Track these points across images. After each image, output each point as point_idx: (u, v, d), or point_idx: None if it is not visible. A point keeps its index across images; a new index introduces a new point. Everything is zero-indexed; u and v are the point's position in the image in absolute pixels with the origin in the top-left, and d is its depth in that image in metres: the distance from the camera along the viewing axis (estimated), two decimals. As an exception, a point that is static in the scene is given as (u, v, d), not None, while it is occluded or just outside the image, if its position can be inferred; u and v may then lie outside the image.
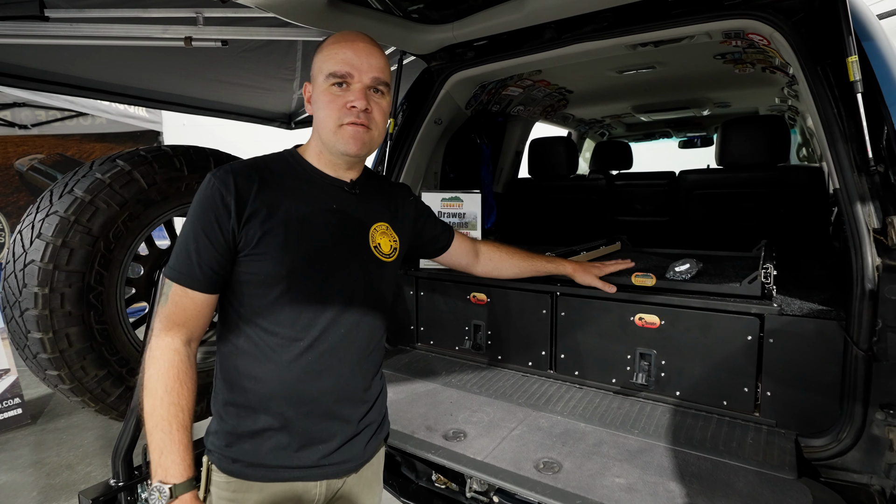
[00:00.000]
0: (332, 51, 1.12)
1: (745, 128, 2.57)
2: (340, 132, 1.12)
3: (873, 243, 1.30)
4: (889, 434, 1.27)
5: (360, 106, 1.11)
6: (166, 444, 1.00)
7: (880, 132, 1.33)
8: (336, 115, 1.12)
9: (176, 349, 1.06)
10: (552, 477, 1.28)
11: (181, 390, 1.03)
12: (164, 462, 0.99)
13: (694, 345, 1.59)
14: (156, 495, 0.97)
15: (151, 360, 1.05)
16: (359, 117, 1.12)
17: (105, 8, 2.39)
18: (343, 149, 1.14)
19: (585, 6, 1.81)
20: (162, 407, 1.01)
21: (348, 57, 1.11)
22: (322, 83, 1.12)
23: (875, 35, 1.43)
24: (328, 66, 1.11)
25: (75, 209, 1.47)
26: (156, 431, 1.00)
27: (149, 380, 1.04)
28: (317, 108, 1.16)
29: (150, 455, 1.00)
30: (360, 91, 1.12)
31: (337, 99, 1.11)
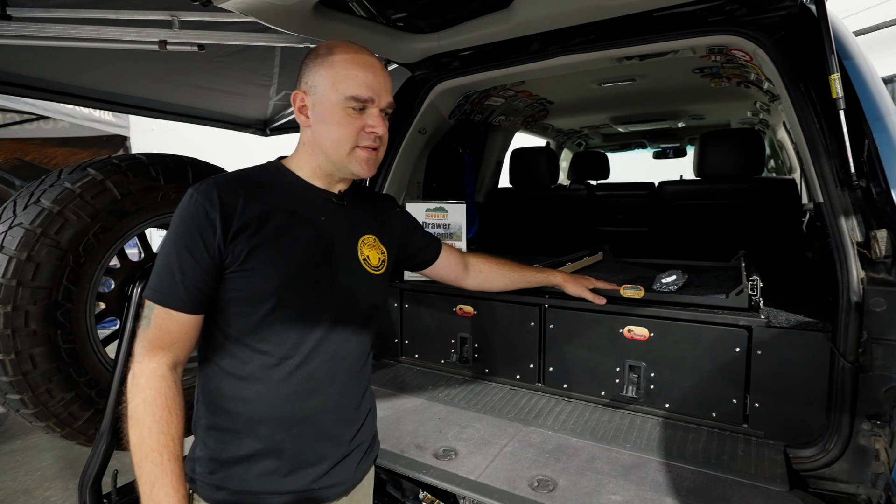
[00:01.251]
0: (350, 70, 1.08)
1: (723, 140, 2.63)
2: (354, 155, 1.11)
3: (857, 256, 1.32)
4: (875, 444, 1.29)
5: (380, 132, 1.11)
6: (158, 476, 0.94)
7: (862, 148, 1.36)
8: (353, 137, 1.10)
9: (162, 375, 1.00)
10: (548, 496, 1.26)
11: (170, 418, 0.98)
12: (157, 495, 0.94)
13: (683, 357, 1.59)
14: None
15: (136, 389, 0.99)
16: (375, 141, 1.11)
17: (73, 8, 2.29)
18: (356, 171, 1.13)
19: (573, 19, 1.82)
20: (151, 437, 0.95)
21: (370, 81, 1.08)
22: (339, 102, 1.08)
23: (854, 53, 1.48)
24: (349, 87, 1.07)
25: (42, 221, 1.38)
26: (145, 463, 0.95)
27: (135, 409, 0.98)
28: (325, 125, 1.10)
29: (139, 488, 0.94)
30: (378, 116, 1.11)
31: (354, 121, 1.09)
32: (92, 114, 6.51)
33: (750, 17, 1.61)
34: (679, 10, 1.68)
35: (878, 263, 1.29)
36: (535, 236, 3.39)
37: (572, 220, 3.30)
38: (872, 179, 1.34)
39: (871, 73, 1.47)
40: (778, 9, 1.57)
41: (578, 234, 3.25)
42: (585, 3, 1.73)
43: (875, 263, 1.29)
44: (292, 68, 3.43)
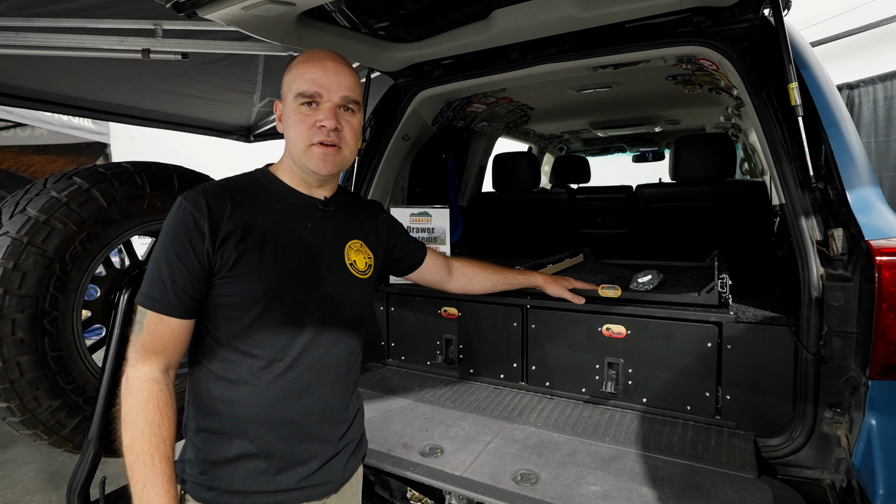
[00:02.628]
0: (301, 70, 1.13)
1: (695, 145, 2.73)
2: (310, 152, 1.12)
3: (817, 254, 1.40)
4: (837, 431, 1.36)
5: (329, 125, 1.11)
6: (149, 478, 0.97)
7: (819, 152, 1.45)
8: (306, 134, 1.12)
9: (154, 378, 1.02)
10: (531, 488, 1.31)
11: (162, 421, 1.00)
12: (148, 496, 0.96)
13: (658, 353, 1.66)
14: None
15: (129, 392, 1.01)
16: (329, 136, 1.12)
17: (56, 18, 2.29)
18: (313, 168, 1.14)
19: (549, 30, 1.89)
20: (143, 439, 0.98)
21: (317, 76, 1.11)
22: (291, 102, 1.12)
23: (811, 63, 1.57)
24: (297, 85, 1.11)
25: (28, 230, 1.39)
26: (137, 465, 0.97)
27: (127, 412, 1.00)
28: (286, 127, 1.15)
29: (131, 489, 0.97)
30: (329, 110, 1.12)
31: (306, 118, 1.12)
32: (71, 121, 6.43)
33: (716, 28, 1.70)
34: (649, 21, 1.76)
35: (835, 260, 1.37)
36: (517, 239, 3.45)
37: (553, 223, 3.37)
38: (829, 182, 1.42)
39: (827, 82, 1.57)
40: (741, 21, 1.65)
41: (560, 237, 3.33)
42: (560, 14, 1.80)
43: (833, 260, 1.37)
44: (275, 75, 3.46)
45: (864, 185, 1.38)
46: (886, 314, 1.21)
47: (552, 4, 1.79)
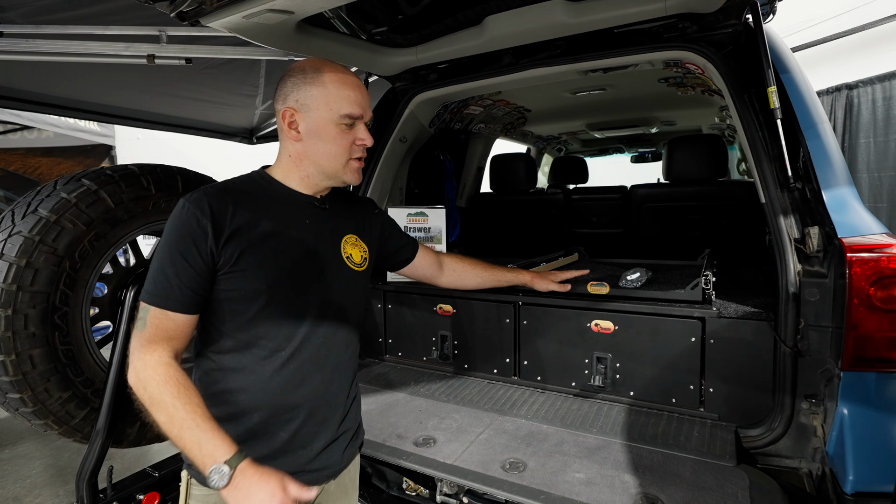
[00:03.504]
0: (342, 91, 1.18)
1: (687, 146, 2.78)
2: (349, 166, 1.23)
3: (795, 252, 1.46)
4: (813, 421, 1.42)
5: (369, 143, 1.24)
6: (199, 437, 0.99)
7: (797, 153, 1.50)
8: (348, 151, 1.21)
9: (166, 363, 1.06)
10: (518, 475, 1.37)
11: (188, 392, 1.03)
12: (207, 449, 0.98)
13: (645, 347, 1.72)
14: (216, 478, 0.96)
15: (144, 380, 1.04)
16: (363, 152, 1.25)
17: (64, 25, 2.37)
18: (348, 180, 1.25)
19: (540, 35, 1.95)
20: (178, 411, 1.00)
21: (359, 99, 1.20)
22: (332, 120, 1.18)
23: (791, 68, 1.62)
24: (342, 106, 1.17)
25: (40, 229, 1.46)
26: (184, 433, 0.99)
27: (151, 396, 1.02)
28: (321, 141, 1.20)
29: (190, 457, 0.99)
30: (365, 130, 1.23)
31: (347, 136, 1.20)
32: (77, 123, 6.53)
33: (700, 33, 1.75)
34: (637, 27, 1.82)
35: (811, 257, 1.42)
36: (514, 239, 3.51)
37: (550, 223, 3.43)
38: (807, 182, 1.48)
39: (806, 86, 1.62)
40: (725, 27, 1.71)
41: (556, 237, 3.38)
42: (551, 20, 1.86)
43: (809, 257, 1.43)
44: (277, 79, 3.53)
45: (839, 184, 1.44)
46: (857, 309, 1.27)
47: (543, 11, 1.85)
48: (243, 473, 0.98)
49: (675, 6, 1.67)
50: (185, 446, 1.00)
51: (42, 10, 2.29)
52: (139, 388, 1.05)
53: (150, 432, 1.80)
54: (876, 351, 1.26)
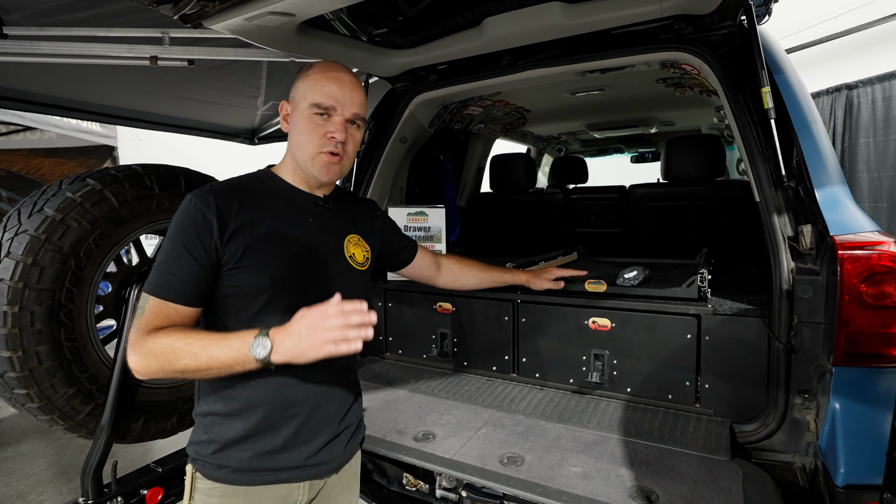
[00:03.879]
0: (318, 82, 1.21)
1: (685, 146, 2.80)
2: (317, 159, 1.22)
3: (788, 249, 1.48)
4: (807, 416, 1.44)
5: (339, 138, 1.21)
6: (224, 343, 1.01)
7: (791, 153, 1.53)
8: (316, 142, 1.21)
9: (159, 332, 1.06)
10: (515, 469, 1.39)
11: (190, 331, 1.06)
12: (236, 344, 1.00)
13: (642, 345, 1.74)
14: (260, 350, 0.99)
15: (149, 351, 1.03)
16: (336, 147, 1.21)
17: (67, 27, 2.40)
18: (316, 174, 1.23)
19: (538, 36, 1.98)
20: (193, 345, 1.02)
21: (334, 91, 1.20)
22: (305, 110, 1.20)
23: (785, 69, 1.65)
24: (313, 95, 1.20)
25: (46, 228, 1.49)
26: (211, 352, 1.01)
27: (164, 354, 1.02)
28: (295, 131, 1.24)
29: (230, 366, 1.01)
30: (340, 124, 1.22)
31: (318, 128, 1.21)
32: (80, 124, 6.56)
33: (696, 35, 1.78)
34: (634, 28, 1.84)
35: (805, 255, 1.45)
36: (514, 239, 3.53)
37: (549, 222, 3.45)
38: (800, 181, 1.50)
39: (800, 86, 1.64)
40: (720, 28, 1.73)
41: (555, 236, 3.40)
42: (549, 22, 1.89)
43: (802, 255, 1.45)
44: (279, 80, 3.56)
45: (832, 183, 1.46)
46: (849, 305, 1.29)
47: (541, 12, 1.87)
48: (277, 331, 1.00)
49: (671, 8, 1.69)
50: (221, 359, 1.01)
51: (46, 12, 2.32)
52: (148, 360, 1.04)
53: (153, 428, 1.83)
54: (867, 347, 1.28)
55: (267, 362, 0.99)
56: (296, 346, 0.98)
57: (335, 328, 0.97)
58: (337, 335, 0.97)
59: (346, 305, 0.98)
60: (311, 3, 1.57)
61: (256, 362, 1.00)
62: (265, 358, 0.99)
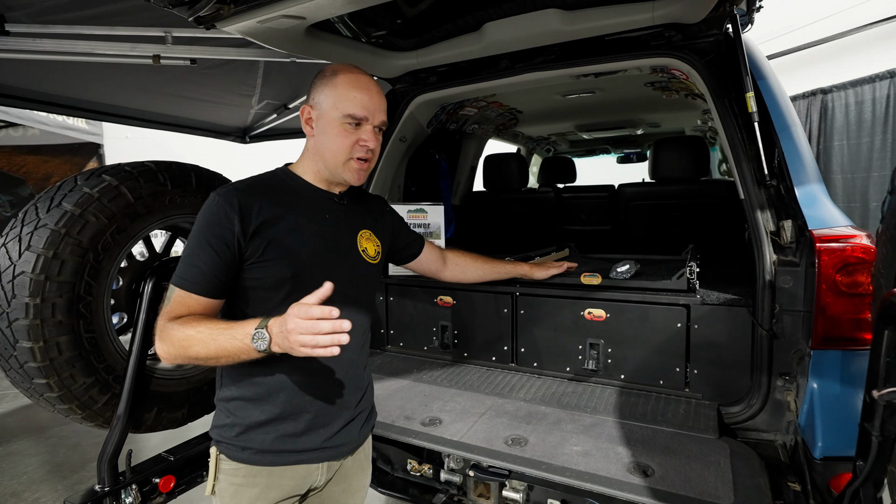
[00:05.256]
0: (349, 92, 1.27)
1: (671, 147, 2.93)
2: (348, 165, 1.29)
3: (770, 243, 1.60)
4: (787, 397, 1.56)
5: (371, 146, 1.29)
6: (229, 333, 1.06)
7: (773, 154, 1.65)
8: (348, 149, 1.28)
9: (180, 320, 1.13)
10: (521, 449, 1.48)
11: (203, 319, 1.12)
12: (240, 334, 1.05)
13: (635, 334, 1.85)
14: (259, 341, 1.03)
15: (169, 338, 1.10)
16: (367, 153, 1.30)
17: (70, 24, 2.42)
18: (348, 179, 1.31)
19: (536, 41, 2.07)
20: (203, 333, 1.07)
21: (366, 102, 1.27)
22: (337, 119, 1.26)
23: (767, 75, 1.77)
24: (346, 106, 1.26)
25: (66, 222, 1.53)
26: (218, 341, 1.06)
27: (180, 341, 1.08)
28: (326, 137, 1.28)
29: (236, 352, 1.06)
30: (371, 132, 1.29)
31: (350, 135, 1.27)
32: (65, 121, 6.49)
33: (685, 42, 1.89)
34: (626, 35, 1.95)
35: (785, 248, 1.56)
36: (507, 236, 3.63)
37: (541, 220, 3.56)
38: (781, 180, 1.62)
39: (780, 92, 1.76)
40: (707, 36, 1.85)
41: (547, 234, 3.51)
42: (547, 27, 1.98)
43: (783, 248, 1.57)
44: (275, 79, 3.60)
45: (810, 182, 1.58)
46: (826, 293, 1.41)
47: (539, 18, 1.97)
48: (274, 323, 1.03)
49: (662, 16, 1.80)
50: (227, 349, 1.06)
51: (48, 10, 2.34)
52: (168, 347, 1.10)
53: (166, 418, 1.88)
54: (841, 331, 1.40)
55: (268, 352, 1.05)
56: (283, 342, 1.02)
57: (307, 333, 0.98)
58: (308, 340, 0.98)
59: (315, 311, 0.99)
60: (322, 7, 1.64)
61: (259, 353, 1.05)
62: (266, 349, 1.04)
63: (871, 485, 1.12)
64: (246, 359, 1.08)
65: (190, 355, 1.09)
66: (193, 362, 1.12)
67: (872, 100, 4.79)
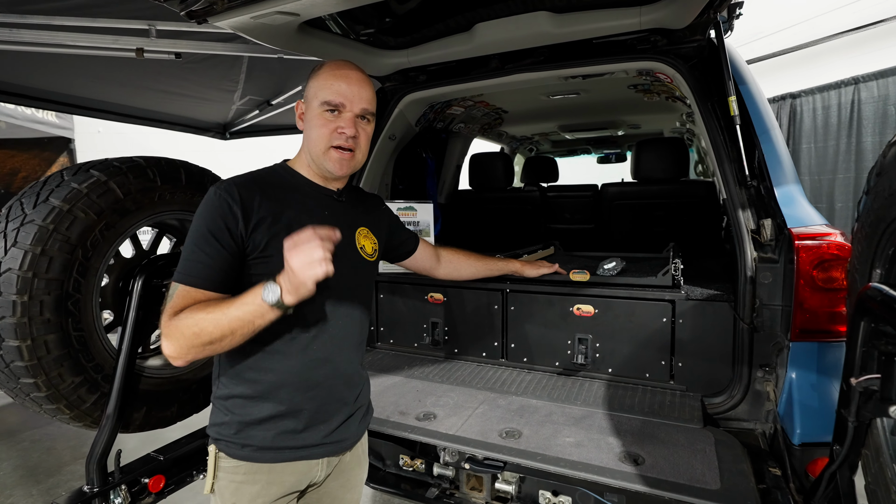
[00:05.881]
0: (328, 81, 1.28)
1: (654, 148, 3.01)
2: (328, 154, 1.29)
3: (751, 241, 1.67)
4: (766, 387, 1.64)
5: (349, 132, 1.28)
6: (240, 302, 1.08)
7: (753, 155, 1.72)
8: (327, 137, 1.28)
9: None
10: (515, 441, 1.52)
11: (211, 302, 1.11)
12: (250, 297, 1.07)
13: (622, 329, 1.90)
14: (270, 295, 1.05)
15: (178, 329, 1.08)
16: (347, 141, 1.28)
17: (50, 15, 2.35)
18: (330, 168, 1.30)
19: (526, 43, 2.11)
20: (214, 312, 1.07)
21: (342, 89, 1.27)
22: (316, 108, 1.28)
23: (747, 80, 1.84)
24: (323, 94, 1.27)
25: (54, 218, 1.50)
26: (231, 313, 1.07)
27: (192, 329, 1.07)
28: (309, 128, 1.31)
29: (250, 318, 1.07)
30: (350, 119, 1.29)
31: (329, 124, 1.28)
32: (34, 114, 6.25)
33: (670, 46, 1.95)
34: (614, 38, 2.01)
35: (765, 245, 1.64)
36: (492, 234, 3.67)
37: (526, 219, 3.61)
38: (761, 180, 1.70)
39: (760, 96, 1.84)
40: (691, 41, 1.92)
41: (532, 232, 3.57)
42: (536, 29, 2.02)
43: (763, 245, 1.64)
44: (258, 75, 3.56)
45: (788, 182, 1.66)
46: (804, 288, 1.49)
47: (530, 20, 2.01)
48: (282, 274, 1.06)
49: (649, 21, 1.86)
50: (241, 317, 1.07)
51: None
52: (180, 341, 1.08)
53: (155, 417, 1.86)
54: (818, 324, 1.48)
55: (281, 305, 1.06)
56: (292, 281, 1.04)
57: (311, 249, 1.03)
58: (307, 258, 1.02)
59: (302, 236, 1.04)
60: (316, 4, 1.64)
61: (271, 308, 1.05)
62: (278, 301, 1.05)
63: (847, 467, 1.19)
64: (261, 323, 1.09)
65: (203, 340, 1.07)
66: (207, 349, 1.09)
67: (838, 105, 5.00)
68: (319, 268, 1.03)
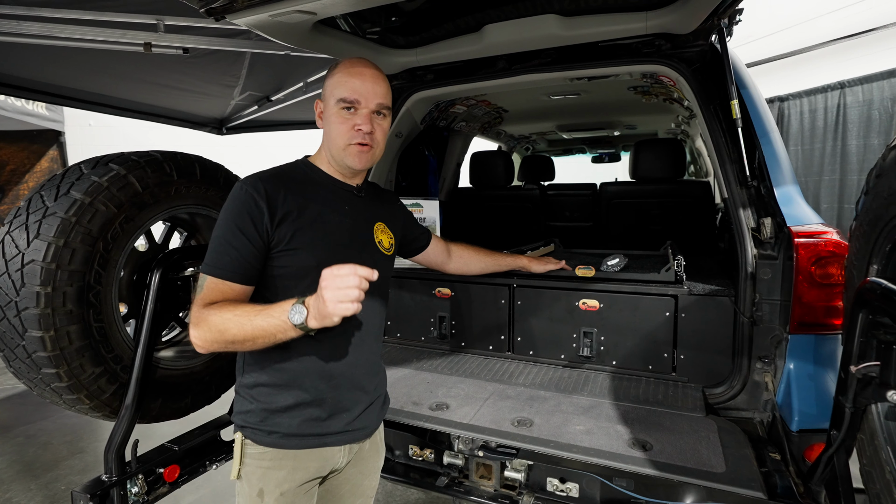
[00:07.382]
0: (343, 78, 1.32)
1: (653, 148, 3.09)
2: (348, 150, 1.33)
3: (751, 238, 1.75)
4: (765, 378, 1.72)
5: (365, 129, 1.31)
6: (266, 313, 1.10)
7: (754, 156, 1.80)
8: (346, 134, 1.31)
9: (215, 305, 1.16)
10: (528, 429, 1.58)
11: (239, 304, 1.16)
12: (277, 312, 1.10)
13: (626, 322, 1.97)
14: (297, 316, 1.07)
15: (206, 324, 1.13)
16: (364, 138, 1.32)
17: (57, 8, 2.35)
18: (350, 164, 1.34)
19: (534, 44, 2.16)
20: (240, 316, 1.11)
21: (357, 86, 1.31)
22: (333, 105, 1.32)
23: (748, 84, 1.92)
24: (339, 91, 1.31)
25: (76, 210, 1.51)
26: (256, 322, 1.10)
27: (217, 326, 1.12)
28: (327, 126, 1.35)
29: (274, 332, 1.10)
30: (366, 116, 1.32)
31: (346, 121, 1.31)
32: (24, 106, 6.17)
33: (674, 50, 2.02)
34: (619, 42, 2.07)
35: (765, 243, 1.72)
36: (493, 232, 3.73)
37: (526, 216, 3.68)
38: (762, 180, 1.77)
39: (760, 99, 1.92)
40: (694, 46, 1.98)
41: (531, 230, 3.63)
42: (545, 31, 2.07)
43: (763, 243, 1.72)
44: (260, 70, 3.57)
45: (787, 182, 1.74)
46: (802, 283, 1.56)
47: (538, 23, 2.06)
48: (311, 297, 1.08)
49: (655, 26, 1.92)
50: (264, 328, 1.10)
51: (34, -8, 2.27)
52: (205, 333, 1.13)
53: (170, 408, 1.88)
54: (815, 317, 1.56)
55: (305, 327, 1.09)
56: (320, 309, 1.05)
57: (348, 288, 1.04)
58: (341, 295, 1.04)
59: (343, 269, 1.06)
60: (336, 3, 1.68)
61: (295, 329, 1.09)
62: (302, 324, 1.08)
63: (843, 452, 1.27)
64: (282, 338, 1.12)
65: (227, 338, 1.13)
66: (228, 346, 1.15)
67: (824, 108, 5.14)
68: (351, 306, 1.05)
